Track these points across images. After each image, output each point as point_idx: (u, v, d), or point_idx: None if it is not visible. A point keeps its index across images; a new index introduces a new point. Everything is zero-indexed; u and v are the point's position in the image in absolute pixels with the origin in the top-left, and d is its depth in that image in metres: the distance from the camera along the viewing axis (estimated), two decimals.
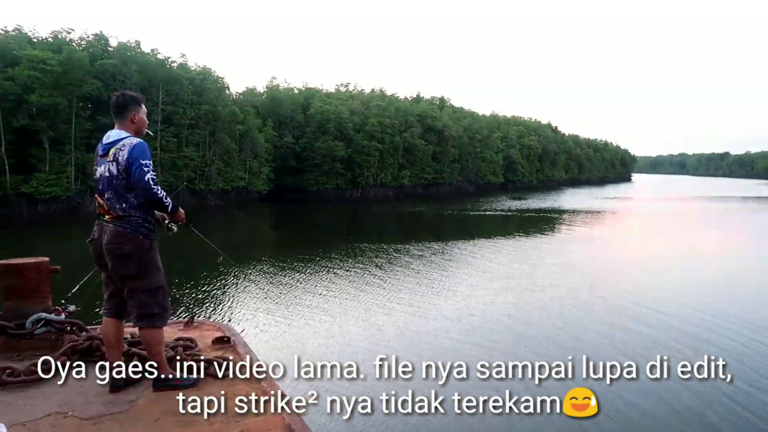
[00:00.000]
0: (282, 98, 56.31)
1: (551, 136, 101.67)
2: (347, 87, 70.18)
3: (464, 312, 12.71)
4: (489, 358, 9.51)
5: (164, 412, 3.16)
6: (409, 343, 10.44)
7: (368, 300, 13.69)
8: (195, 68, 45.11)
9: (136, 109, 3.59)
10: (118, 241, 3.42)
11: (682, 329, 11.41)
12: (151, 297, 3.52)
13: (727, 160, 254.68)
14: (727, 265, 20.48)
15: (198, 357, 3.89)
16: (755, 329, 11.47)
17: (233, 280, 15.63)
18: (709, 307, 13.14)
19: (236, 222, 30.28)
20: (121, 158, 3.40)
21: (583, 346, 10.28)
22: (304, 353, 9.64)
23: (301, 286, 15.24)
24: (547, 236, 29.03)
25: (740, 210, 51.78)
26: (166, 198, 3.49)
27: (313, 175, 53.71)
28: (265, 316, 12.01)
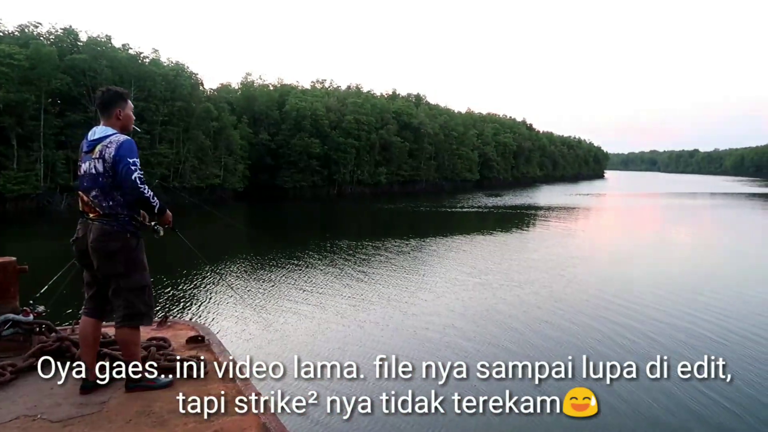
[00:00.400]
0: (257, 95, 55.83)
1: (526, 134, 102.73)
2: (323, 84, 69.93)
3: (446, 307, 12.77)
4: (471, 351, 9.62)
5: (137, 413, 3.11)
6: (390, 340, 10.45)
7: (346, 297, 13.67)
8: (168, 64, 44.41)
9: (121, 105, 3.51)
10: (105, 240, 3.35)
11: (664, 322, 11.65)
12: (138, 296, 3.46)
13: (696, 157, 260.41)
14: (704, 260, 20.96)
15: (172, 357, 3.84)
16: (743, 321, 11.76)
17: (209, 279, 15.46)
18: (691, 301, 13.44)
19: (211, 220, 29.94)
20: (108, 156, 3.32)
21: (565, 338, 10.43)
22: (280, 352, 9.59)
23: (278, 284, 15.15)
24: (525, 232, 29.33)
25: (710, 206, 53.01)
26: (153, 198, 3.41)
27: (289, 172, 53.37)
28: (241, 315, 11.91)
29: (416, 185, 67.17)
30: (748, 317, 12.20)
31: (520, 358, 9.46)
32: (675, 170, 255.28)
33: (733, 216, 42.92)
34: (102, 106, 3.50)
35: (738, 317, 12.19)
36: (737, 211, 48.07)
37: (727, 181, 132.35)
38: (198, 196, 41.52)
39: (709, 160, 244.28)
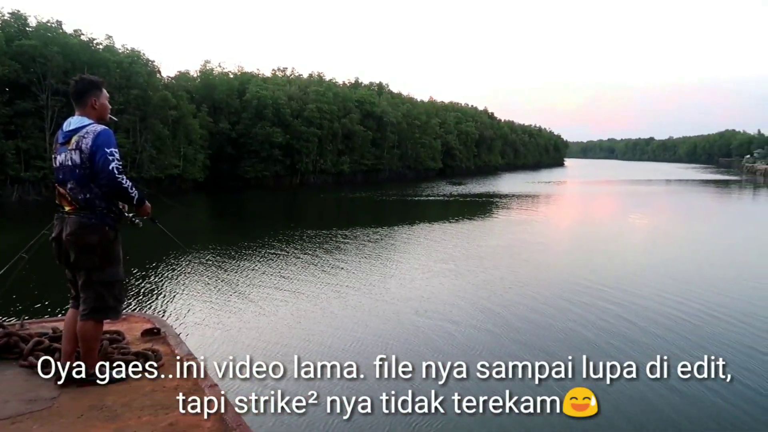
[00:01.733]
0: (216, 83, 54.72)
1: (487, 123, 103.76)
2: (284, 72, 68.99)
3: (416, 294, 12.87)
4: (442, 335, 9.71)
5: (88, 408, 3.05)
6: (359, 328, 10.48)
7: (312, 287, 13.62)
8: (123, 51, 43.06)
9: (96, 94, 3.44)
10: (82, 233, 3.28)
11: (627, 307, 12.02)
12: (109, 290, 3.41)
13: (651, 145, 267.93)
14: (668, 246, 21.67)
15: (125, 350, 3.77)
16: (723, 307, 12.18)
17: (168, 270, 15.19)
18: (664, 285, 13.91)
19: (171, 212, 29.35)
20: (85, 146, 3.24)
21: (539, 321, 10.65)
22: (242, 344, 9.52)
23: (241, 275, 14.99)
24: (489, 220, 29.73)
25: (666, 192, 54.72)
26: (132, 188, 3.35)
27: (251, 162, 52.65)
28: (202, 307, 11.76)
29: (379, 174, 67.16)
30: (710, 296, 12.71)
31: (497, 340, 9.66)
32: (632, 158, 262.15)
33: (692, 201, 44.43)
34: (76, 96, 3.42)
35: (686, 294, 12.71)
36: (693, 196, 49.78)
37: (681, 168, 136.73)
38: (157, 187, 40.60)
39: (663, 148, 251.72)
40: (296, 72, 69.56)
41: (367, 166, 65.03)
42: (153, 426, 2.85)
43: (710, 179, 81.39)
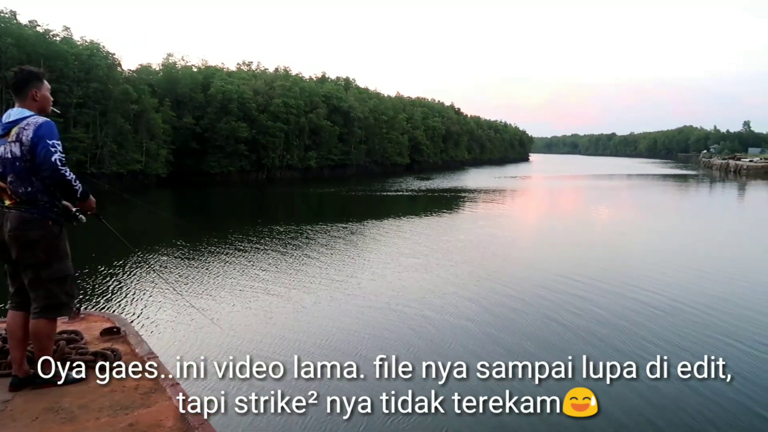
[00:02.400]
0: (179, 76, 53.68)
1: (454, 118, 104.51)
2: (249, 66, 68.13)
3: (388, 288, 12.88)
4: (413, 328, 9.73)
5: (44, 410, 2.96)
6: (324, 325, 10.44)
7: (279, 284, 13.51)
8: (81, 43, 41.82)
9: (37, 86, 3.33)
10: (24, 228, 3.15)
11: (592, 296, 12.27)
12: (59, 286, 3.30)
13: (613, 140, 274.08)
14: (627, 240, 22.18)
15: (84, 350, 3.67)
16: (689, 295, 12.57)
17: (128, 269, 14.85)
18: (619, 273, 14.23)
19: (133, 209, 28.70)
20: (26, 138, 3.13)
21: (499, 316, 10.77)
22: (204, 342, 9.39)
23: (204, 272, 14.76)
24: (458, 215, 29.96)
25: (628, 186, 56.07)
26: (75, 181, 3.24)
27: (216, 157, 51.85)
28: (164, 305, 11.53)
29: (347, 169, 66.99)
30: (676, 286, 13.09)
31: (471, 335, 9.70)
32: (594, 153, 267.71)
33: (652, 195, 45.64)
34: (16, 87, 3.31)
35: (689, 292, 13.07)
36: (653, 190, 51.14)
37: (641, 163, 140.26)
38: (118, 183, 39.62)
39: (625, 143, 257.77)
40: (262, 66, 68.89)
41: (335, 161, 64.78)
42: (112, 427, 2.78)
43: (670, 174, 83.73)
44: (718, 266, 16.81)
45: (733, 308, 11.95)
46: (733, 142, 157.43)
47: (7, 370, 3.36)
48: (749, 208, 38.46)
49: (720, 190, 55.97)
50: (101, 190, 29.97)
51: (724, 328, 10.47)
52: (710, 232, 24.37)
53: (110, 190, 30.77)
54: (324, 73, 75.87)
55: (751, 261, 17.65)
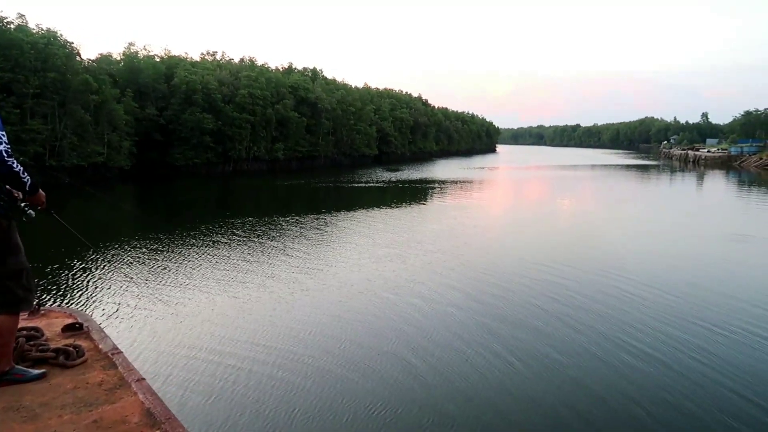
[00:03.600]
0: (142, 66, 52.36)
1: (422, 109, 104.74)
2: (214, 56, 66.97)
3: (360, 278, 12.87)
4: (389, 319, 9.74)
5: (3, 409, 2.88)
6: (292, 317, 10.38)
7: (245, 277, 13.38)
8: (37, 31, 40.35)
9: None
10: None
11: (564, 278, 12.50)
12: (15, 281, 3.20)
13: (578, 131, 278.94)
14: (592, 226, 22.63)
15: (44, 347, 3.57)
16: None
17: (91, 264, 14.50)
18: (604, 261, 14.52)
19: (94, 202, 27.95)
20: None
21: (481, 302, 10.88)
22: (169, 336, 9.24)
23: (170, 266, 14.51)
24: (428, 205, 30.10)
25: (592, 176, 57.15)
26: (23, 173, 3.12)
27: (181, 149, 50.86)
28: (128, 300, 11.31)
29: (315, 161, 66.55)
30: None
31: (449, 319, 9.82)
32: (560, 143, 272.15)
33: (615, 185, 46.62)
34: None
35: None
36: (616, 180, 52.25)
37: (605, 153, 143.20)
38: (79, 176, 38.50)
39: (589, 134, 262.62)
40: (227, 56, 67.83)
41: (302, 152, 64.27)
42: (75, 424, 2.72)
43: (632, 164, 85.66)
44: (682, 249, 17.48)
45: (693, 289, 12.40)
46: (692, 133, 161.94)
47: None
48: (706, 195, 39.68)
49: (680, 179, 57.55)
50: (61, 183, 29.09)
51: (691, 309, 10.86)
52: (671, 217, 25.07)
53: (71, 183, 29.87)
54: (291, 63, 75.20)
55: (710, 244, 18.29)
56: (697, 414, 6.83)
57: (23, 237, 3.34)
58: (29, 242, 3.41)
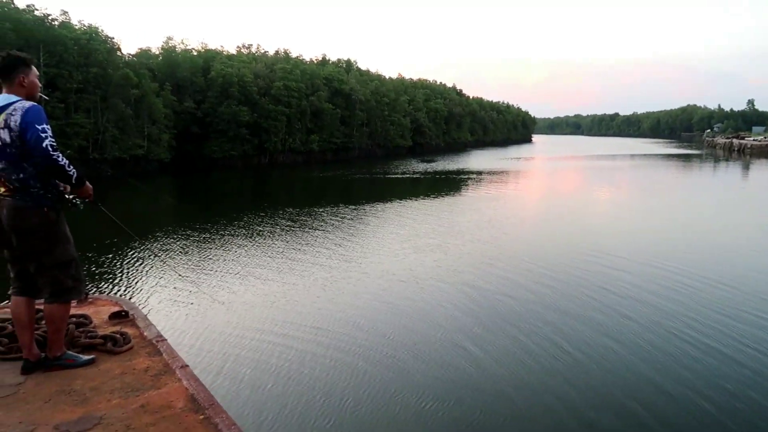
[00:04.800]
0: (180, 60, 53.33)
1: (456, 99, 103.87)
2: (249, 49, 67.61)
3: (400, 268, 12.91)
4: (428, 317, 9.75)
5: (56, 392, 2.99)
6: (329, 309, 10.47)
7: (285, 266, 13.54)
8: (80, 28, 41.49)
9: (25, 71, 3.26)
10: (21, 217, 3.14)
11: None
12: (64, 271, 3.29)
13: (616, 120, 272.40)
14: (623, 213, 22.15)
15: (93, 334, 3.70)
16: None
17: (135, 254, 14.91)
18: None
19: (136, 194, 28.71)
20: (14, 124, 3.08)
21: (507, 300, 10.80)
22: (212, 325, 9.44)
23: (211, 255, 14.81)
24: (464, 196, 29.91)
25: (632, 166, 55.81)
26: (69, 166, 3.19)
27: (218, 141, 51.69)
28: (171, 289, 11.59)
29: (349, 152, 66.78)
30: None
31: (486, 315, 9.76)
32: (598, 133, 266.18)
33: (655, 175, 45.43)
34: (3, 72, 3.24)
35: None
36: (656, 170, 50.89)
37: (645, 142, 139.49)
38: (121, 169, 39.59)
39: (628, 123, 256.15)
40: (262, 49, 68.39)
41: (337, 144, 64.57)
42: (123, 408, 2.81)
43: (673, 153, 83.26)
44: (732, 239, 17.08)
45: (748, 280, 12.08)
46: (736, 121, 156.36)
47: (18, 354, 3.39)
48: (754, 185, 38.28)
49: (724, 168, 55.68)
50: (104, 176, 29.98)
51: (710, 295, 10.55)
52: (716, 207, 24.33)
53: (113, 175, 30.74)
54: (324, 55, 75.44)
55: (764, 235, 17.74)
56: (761, 403, 6.72)
57: (71, 228, 3.45)
58: (76, 233, 3.52)
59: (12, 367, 3.31)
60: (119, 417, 2.72)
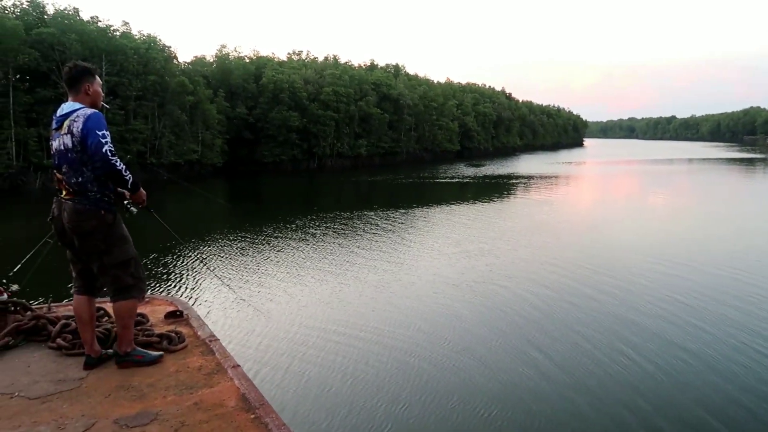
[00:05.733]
0: (232, 67, 54.76)
1: (505, 103, 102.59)
2: (299, 55, 68.77)
3: (452, 272, 12.88)
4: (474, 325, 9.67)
5: (115, 388, 3.11)
6: (379, 315, 10.51)
7: (335, 269, 13.67)
8: (139, 37, 43.23)
9: (90, 80, 3.43)
10: (79, 219, 3.29)
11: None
12: (124, 270, 3.42)
13: (673, 123, 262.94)
14: (681, 219, 21.35)
15: (150, 332, 3.83)
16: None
17: (189, 255, 15.37)
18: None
19: (191, 196, 29.59)
20: (76, 130, 3.24)
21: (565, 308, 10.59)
22: (263, 326, 9.61)
23: (262, 258, 15.10)
24: (512, 200, 29.50)
25: (689, 171, 53.74)
26: (126, 171, 3.33)
27: (268, 146, 52.76)
28: (223, 290, 11.89)
29: (396, 157, 66.93)
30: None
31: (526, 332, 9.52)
32: (653, 137, 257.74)
33: (716, 181, 43.61)
34: (70, 82, 3.41)
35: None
36: (717, 175, 48.84)
37: (704, 147, 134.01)
38: (176, 173, 40.91)
39: (686, 126, 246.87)
40: (311, 55, 69.47)
41: (384, 149, 64.82)
42: (178, 405, 2.90)
43: (735, 158, 79.67)
44: None
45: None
46: None
47: (81, 350, 3.55)
48: None
49: None
50: (161, 179, 31.06)
51: None
52: None
53: (169, 179, 31.81)
54: (373, 60, 75.94)
55: None
56: None
57: (132, 231, 3.59)
58: (135, 233, 3.65)
59: (75, 362, 3.46)
60: (174, 414, 2.81)
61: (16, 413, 2.82)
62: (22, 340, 3.79)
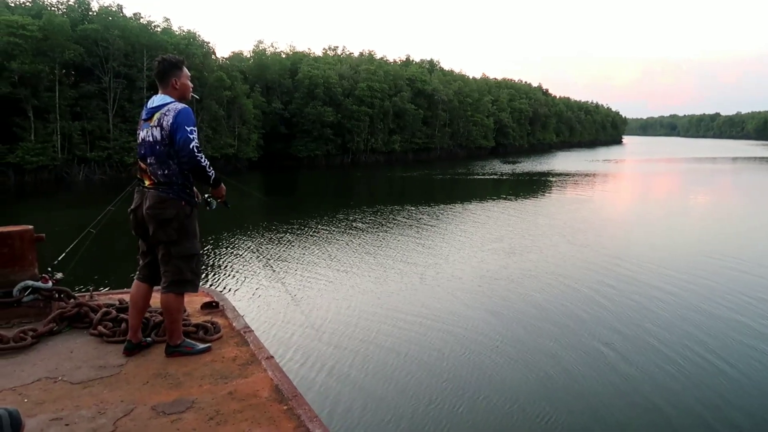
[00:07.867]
0: (269, 63, 55.37)
1: (542, 99, 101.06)
2: (335, 51, 69.09)
3: (485, 270, 12.80)
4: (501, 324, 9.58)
5: (153, 376, 3.19)
6: (413, 308, 10.50)
7: (367, 265, 13.71)
8: (179, 33, 44.14)
9: (176, 74, 3.54)
10: (160, 207, 3.39)
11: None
12: (186, 263, 3.50)
13: (717, 121, 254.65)
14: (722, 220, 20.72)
15: (187, 322, 3.91)
16: None
17: (225, 246, 15.63)
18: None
19: (228, 190, 30.02)
20: (166, 123, 3.35)
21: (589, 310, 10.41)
22: (297, 318, 9.71)
23: (297, 251, 15.25)
24: (551, 198, 29.08)
25: (734, 170, 52.06)
26: (209, 168, 3.44)
27: (303, 141, 53.24)
28: (258, 282, 12.06)
29: (431, 153, 66.72)
30: None
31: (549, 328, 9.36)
32: (695, 135, 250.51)
33: (763, 180, 42.16)
34: (159, 76, 3.54)
35: None
36: (765, 174, 47.19)
37: (750, 144, 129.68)
38: (213, 167, 41.47)
39: (730, 124, 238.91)
40: (347, 50, 69.72)
41: (419, 144, 64.68)
42: (213, 394, 2.96)
43: None
44: None
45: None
46: None
47: (121, 337, 3.64)
48: None
49: None
50: None
51: None
52: None
53: None
54: (408, 55, 75.78)
55: None
56: None
57: None
58: None
59: (115, 349, 3.57)
60: (209, 402, 2.87)
61: (59, 397, 2.92)
62: (66, 326, 3.92)
